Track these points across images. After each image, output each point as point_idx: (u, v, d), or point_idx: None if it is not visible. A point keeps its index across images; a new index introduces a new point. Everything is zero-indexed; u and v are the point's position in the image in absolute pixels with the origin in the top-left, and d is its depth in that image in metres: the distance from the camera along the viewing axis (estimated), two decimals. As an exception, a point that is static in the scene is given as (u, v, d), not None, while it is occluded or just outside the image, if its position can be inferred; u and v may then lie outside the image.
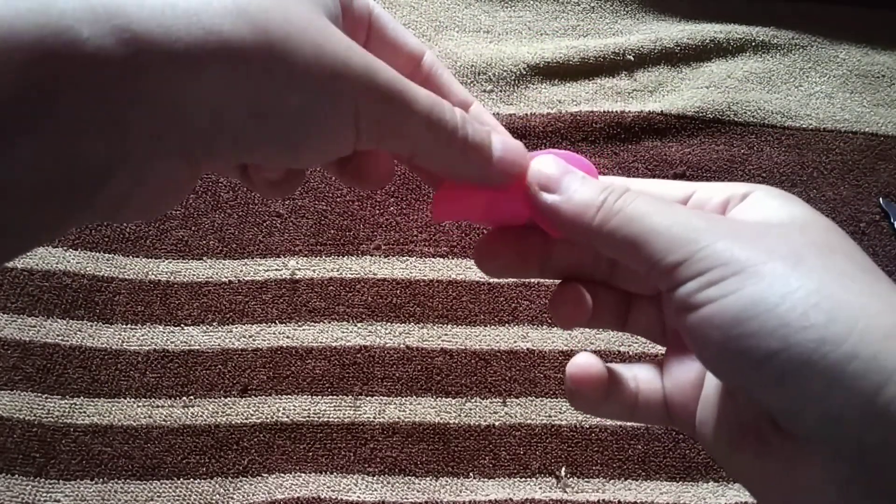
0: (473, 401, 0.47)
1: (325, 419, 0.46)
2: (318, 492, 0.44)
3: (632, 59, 0.61)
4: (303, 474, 0.45)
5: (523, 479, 0.45)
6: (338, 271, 0.51)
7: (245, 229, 0.52)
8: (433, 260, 0.52)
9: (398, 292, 0.50)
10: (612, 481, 0.45)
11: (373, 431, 0.46)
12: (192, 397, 0.47)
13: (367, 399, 0.47)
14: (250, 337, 0.48)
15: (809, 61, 0.62)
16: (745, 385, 0.20)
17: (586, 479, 0.45)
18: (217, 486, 0.44)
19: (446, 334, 0.49)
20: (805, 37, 0.63)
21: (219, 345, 0.48)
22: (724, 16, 0.64)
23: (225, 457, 0.45)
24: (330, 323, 0.49)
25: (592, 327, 0.27)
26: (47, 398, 0.46)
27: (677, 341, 0.27)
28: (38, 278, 0.49)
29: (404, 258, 0.52)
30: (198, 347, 0.48)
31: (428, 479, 0.45)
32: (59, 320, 0.48)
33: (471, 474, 0.45)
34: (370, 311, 0.50)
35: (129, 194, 0.19)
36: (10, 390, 0.46)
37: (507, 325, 0.49)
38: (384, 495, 0.44)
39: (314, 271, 0.51)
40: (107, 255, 0.51)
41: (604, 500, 0.44)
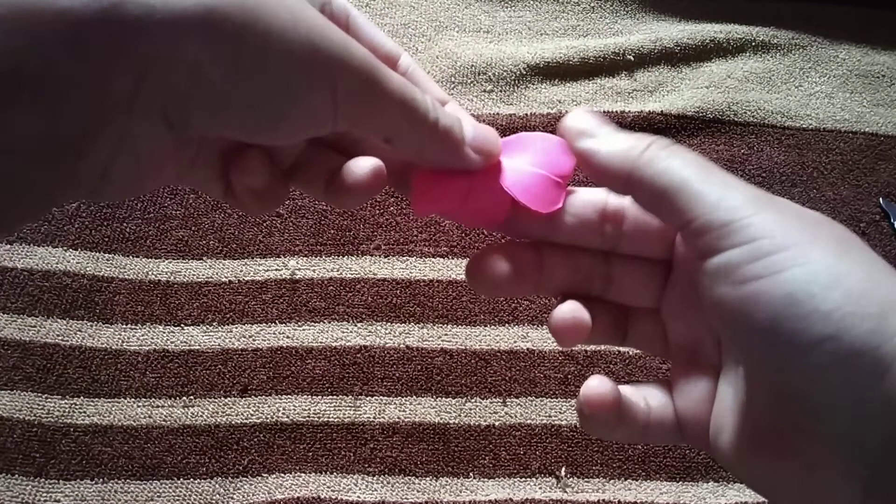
0: (473, 401, 0.47)
1: (325, 419, 0.46)
2: (318, 492, 0.44)
3: (632, 59, 0.61)
4: (303, 474, 0.45)
5: (523, 479, 0.45)
6: (338, 271, 0.51)
7: (245, 229, 0.52)
8: (433, 260, 0.52)
9: (398, 292, 0.50)
10: (612, 481, 0.45)
11: (373, 431, 0.46)
12: (192, 397, 0.47)
13: (367, 399, 0.47)
14: (250, 337, 0.48)
15: (809, 61, 0.62)
16: (788, 371, 0.19)
17: (586, 479, 0.45)
18: (217, 486, 0.44)
19: (446, 334, 0.49)
20: (805, 37, 0.63)
21: (219, 345, 0.48)
22: (724, 16, 0.64)
23: (225, 457, 0.45)
24: (330, 323, 0.49)
25: (592, 344, 0.26)
26: (47, 398, 0.46)
27: (680, 354, 0.26)
28: (38, 278, 0.49)
29: (404, 258, 0.52)
30: (198, 347, 0.48)
31: (428, 479, 0.45)
32: (59, 320, 0.48)
33: (471, 474, 0.45)
34: (370, 311, 0.50)
35: (111, 160, 0.19)
36: (10, 390, 0.46)
37: (507, 325, 0.49)
38: (384, 495, 0.44)
39: (314, 271, 0.51)
40: (107, 255, 0.51)
41: (604, 500, 0.44)
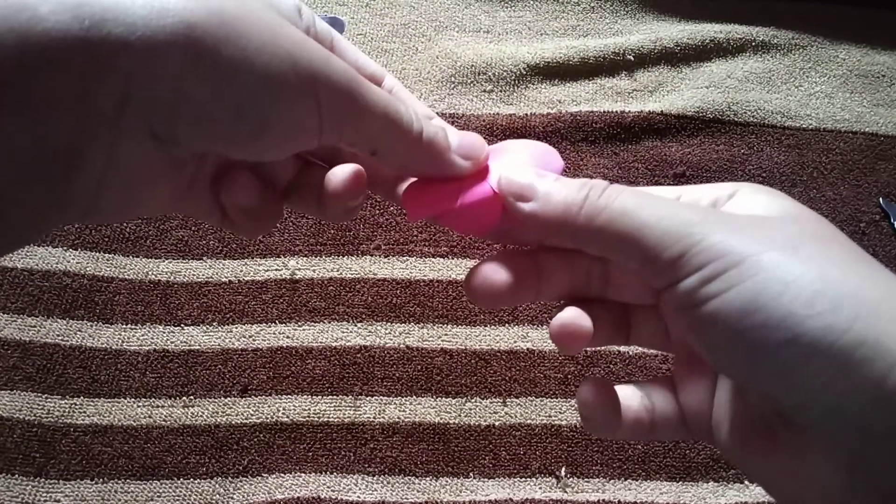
0: (473, 401, 0.47)
1: (325, 419, 0.46)
2: (318, 492, 0.44)
3: (632, 59, 0.61)
4: (303, 474, 0.45)
5: (523, 479, 0.45)
6: (338, 271, 0.51)
7: (245, 229, 0.52)
8: (433, 260, 0.52)
9: (398, 292, 0.50)
10: (612, 481, 0.45)
11: (373, 431, 0.46)
12: (192, 397, 0.47)
13: (367, 399, 0.47)
14: (250, 337, 0.48)
15: (809, 61, 0.62)
16: (754, 378, 0.20)
17: (586, 479, 0.45)
18: (217, 486, 0.44)
19: (446, 334, 0.49)
20: (805, 37, 0.63)
21: (219, 345, 0.48)
22: (724, 16, 0.64)
23: (225, 457, 0.45)
24: (330, 323, 0.49)
25: (596, 346, 0.26)
26: (47, 398, 0.46)
27: (682, 349, 0.26)
28: (38, 278, 0.49)
29: (404, 258, 0.52)
30: (198, 347, 0.48)
31: (428, 479, 0.45)
32: (59, 320, 0.48)
33: (471, 474, 0.45)
34: (370, 311, 0.50)
35: (102, 178, 0.19)
36: (10, 390, 0.46)
37: (507, 325, 0.49)
38: (384, 495, 0.44)
39: (314, 271, 0.51)
40: (107, 255, 0.51)
41: (604, 500, 0.44)
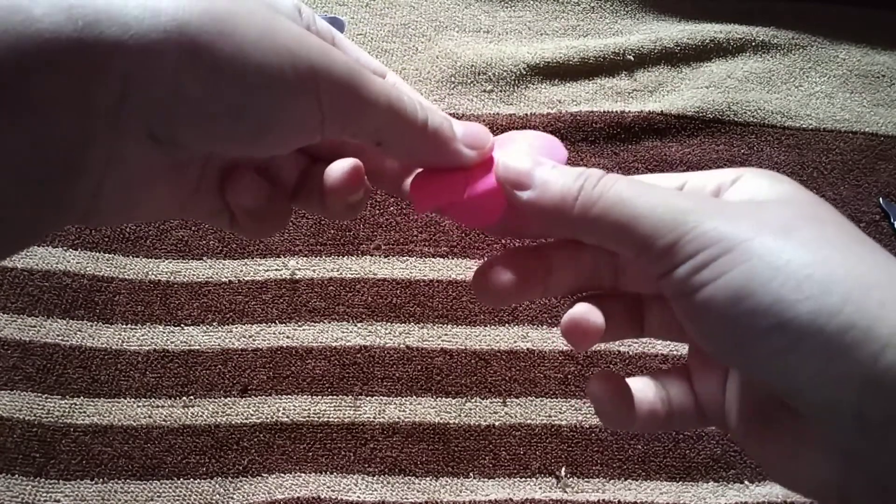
0: (473, 401, 0.47)
1: (325, 419, 0.46)
2: (318, 492, 0.44)
3: (632, 59, 0.61)
4: (303, 474, 0.45)
5: (523, 479, 0.45)
6: (338, 271, 0.51)
7: (245, 229, 0.52)
8: (433, 260, 0.52)
9: (398, 292, 0.50)
10: (612, 481, 0.45)
11: (373, 431, 0.46)
12: (192, 397, 0.47)
13: (367, 399, 0.47)
14: (250, 337, 0.48)
15: (809, 61, 0.62)
16: (748, 365, 0.20)
17: (586, 479, 0.45)
18: (217, 486, 0.44)
19: (446, 334, 0.49)
20: (805, 37, 0.63)
21: (219, 345, 0.48)
22: (724, 16, 0.64)
23: (225, 457, 0.45)
24: (330, 323, 0.49)
25: (609, 341, 0.26)
26: (47, 398, 0.46)
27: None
28: (38, 278, 0.49)
29: (404, 258, 0.52)
30: (198, 347, 0.48)
31: (428, 479, 0.45)
32: (59, 320, 0.48)
33: (471, 474, 0.45)
34: (370, 311, 0.50)
35: (101, 181, 0.19)
36: (10, 390, 0.46)
37: (507, 325, 0.49)
38: (384, 495, 0.44)
39: (314, 271, 0.51)
40: (107, 255, 0.51)
41: (604, 500, 0.44)
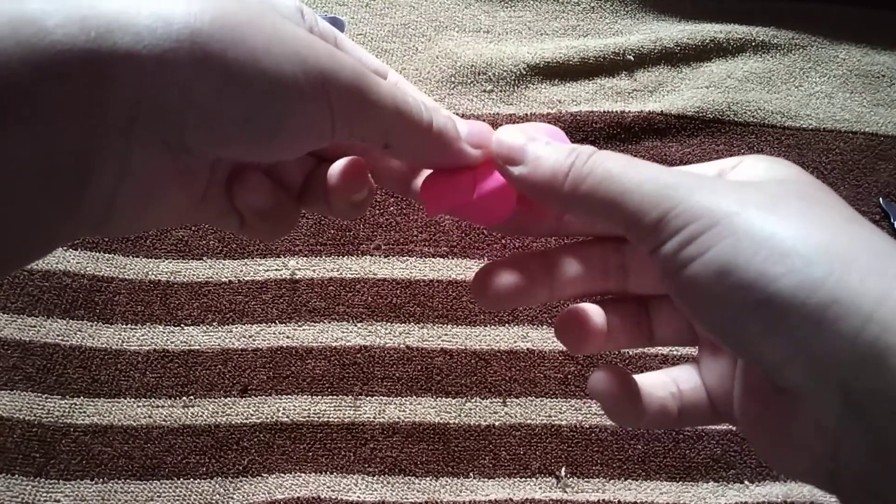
0: (473, 401, 0.47)
1: (325, 419, 0.46)
2: (318, 492, 0.44)
3: (632, 59, 0.61)
4: (303, 474, 0.45)
5: (523, 479, 0.45)
6: (338, 271, 0.51)
7: (245, 229, 0.52)
8: (433, 260, 0.52)
9: (398, 292, 0.50)
10: (612, 481, 0.45)
11: (373, 431, 0.46)
12: (192, 397, 0.47)
13: (367, 399, 0.47)
14: (250, 337, 0.48)
15: (809, 61, 0.62)
16: (735, 341, 0.20)
17: (586, 479, 0.45)
18: (217, 486, 0.44)
19: (446, 334, 0.49)
20: (805, 37, 0.63)
21: (219, 345, 0.48)
22: (724, 16, 0.64)
23: (225, 457, 0.45)
24: (330, 323, 0.49)
25: (618, 347, 0.26)
26: (47, 398, 0.46)
27: (704, 333, 0.25)
28: (38, 278, 0.49)
29: (404, 258, 0.52)
30: (198, 347, 0.48)
31: (428, 479, 0.45)
32: (59, 320, 0.48)
33: (471, 474, 0.45)
34: (370, 311, 0.50)
35: (114, 190, 0.20)
36: (10, 390, 0.46)
37: (507, 325, 0.49)
38: (384, 495, 0.44)
39: (314, 271, 0.51)
40: (107, 255, 0.51)
41: (604, 500, 0.44)
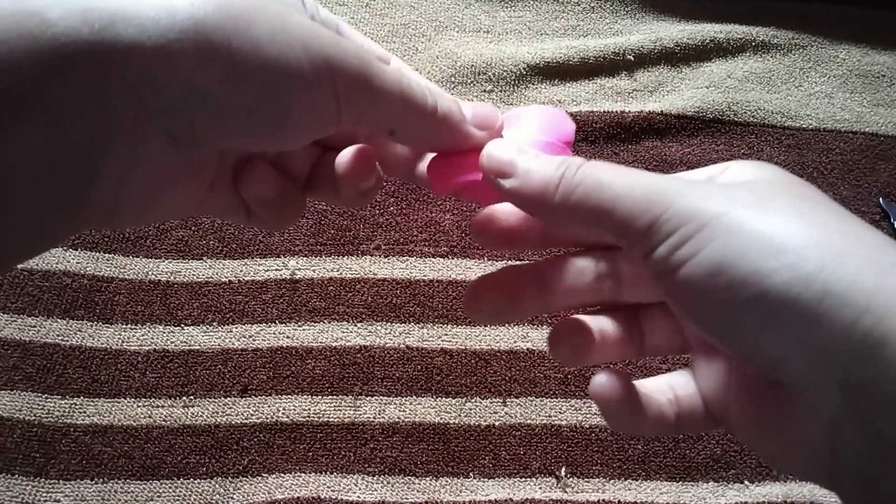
0: (473, 401, 0.47)
1: (325, 419, 0.46)
2: (318, 492, 0.44)
3: (632, 59, 0.61)
4: (303, 474, 0.45)
5: (523, 479, 0.45)
6: (338, 271, 0.51)
7: (245, 229, 0.52)
8: (433, 260, 0.52)
9: (398, 292, 0.50)
10: (612, 481, 0.45)
11: (373, 431, 0.46)
12: (192, 397, 0.47)
13: (367, 399, 0.47)
14: (250, 337, 0.48)
15: (809, 61, 0.62)
16: (731, 340, 0.20)
17: (586, 479, 0.45)
18: (217, 486, 0.44)
19: (446, 334, 0.49)
20: (805, 37, 0.63)
21: (219, 345, 0.48)
22: (724, 16, 0.64)
23: (225, 457, 0.45)
24: (330, 323, 0.49)
25: (604, 360, 0.26)
26: (47, 398, 0.46)
27: (698, 338, 0.26)
28: (38, 278, 0.49)
29: (404, 258, 0.52)
30: (198, 347, 0.48)
31: (428, 479, 0.45)
32: (59, 320, 0.48)
33: (471, 474, 0.45)
34: (370, 311, 0.50)
35: (121, 183, 0.20)
36: (10, 390, 0.46)
37: (507, 325, 0.49)
38: (384, 495, 0.44)
39: (314, 271, 0.51)
40: (107, 255, 0.51)
41: (604, 500, 0.44)
